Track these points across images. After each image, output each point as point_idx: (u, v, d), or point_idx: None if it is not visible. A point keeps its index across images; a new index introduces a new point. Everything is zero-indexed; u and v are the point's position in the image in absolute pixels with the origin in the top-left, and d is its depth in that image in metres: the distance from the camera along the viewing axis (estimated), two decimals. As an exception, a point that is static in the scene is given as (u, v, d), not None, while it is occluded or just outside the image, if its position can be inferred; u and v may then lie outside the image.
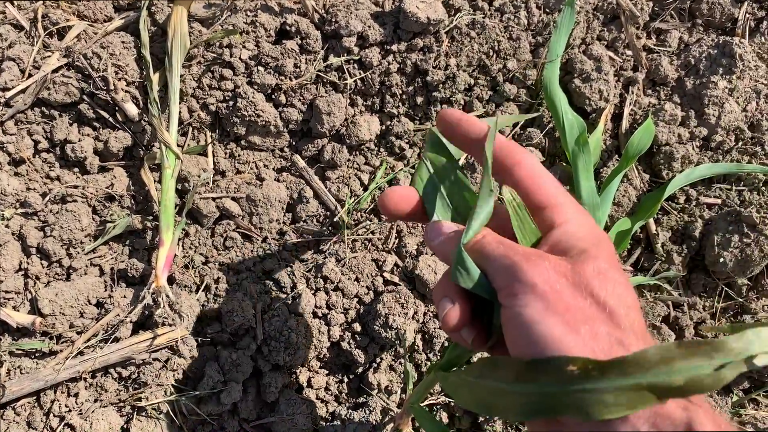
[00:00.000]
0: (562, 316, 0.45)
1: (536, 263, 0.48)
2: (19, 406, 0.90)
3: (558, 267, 0.48)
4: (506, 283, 0.48)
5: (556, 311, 0.45)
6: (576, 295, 0.46)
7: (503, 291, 0.49)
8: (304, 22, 1.02)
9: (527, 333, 0.46)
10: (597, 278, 0.47)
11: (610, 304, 0.46)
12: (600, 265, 0.48)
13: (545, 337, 0.44)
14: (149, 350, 0.91)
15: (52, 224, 0.94)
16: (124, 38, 0.99)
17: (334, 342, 0.98)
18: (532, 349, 0.45)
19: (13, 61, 0.96)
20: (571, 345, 0.43)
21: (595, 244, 0.50)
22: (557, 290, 0.46)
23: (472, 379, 0.53)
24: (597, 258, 0.48)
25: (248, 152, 1.03)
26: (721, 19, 1.14)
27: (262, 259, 1.01)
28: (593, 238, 0.51)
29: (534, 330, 0.45)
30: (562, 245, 0.51)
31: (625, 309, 0.46)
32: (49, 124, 0.97)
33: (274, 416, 0.96)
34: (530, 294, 0.46)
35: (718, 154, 1.08)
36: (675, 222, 1.07)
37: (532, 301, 0.46)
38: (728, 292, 1.05)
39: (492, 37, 1.04)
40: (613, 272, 0.48)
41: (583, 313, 0.45)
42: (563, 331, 0.44)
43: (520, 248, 0.50)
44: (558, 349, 0.44)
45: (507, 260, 0.49)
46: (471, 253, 0.52)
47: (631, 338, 0.44)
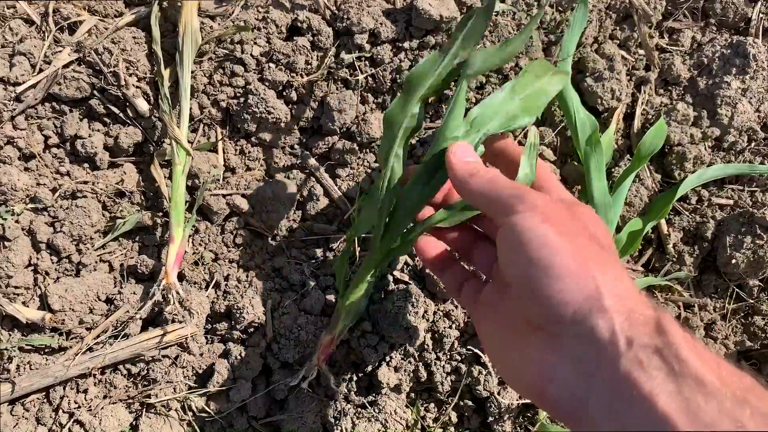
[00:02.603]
0: (560, 227, 0.53)
1: (539, 194, 0.57)
2: (28, 401, 0.90)
3: (557, 200, 0.58)
4: (509, 205, 0.56)
5: (554, 223, 0.53)
6: (572, 218, 0.55)
7: (505, 211, 0.56)
8: (316, 18, 1.01)
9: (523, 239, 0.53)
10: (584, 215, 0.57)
11: (598, 235, 0.55)
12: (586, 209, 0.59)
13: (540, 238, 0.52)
14: (159, 347, 0.91)
15: (62, 220, 0.93)
16: (135, 34, 0.99)
17: (344, 340, 0.98)
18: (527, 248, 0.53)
19: (24, 56, 0.95)
20: (564, 245, 0.51)
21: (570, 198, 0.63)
22: (556, 211, 0.55)
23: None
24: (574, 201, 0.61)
25: (258, 149, 1.02)
26: (735, 18, 1.13)
27: (272, 257, 1.01)
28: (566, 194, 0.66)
29: (531, 234, 0.53)
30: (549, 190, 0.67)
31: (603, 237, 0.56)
32: (59, 120, 0.97)
33: (283, 414, 0.96)
34: (531, 210, 0.54)
35: (730, 154, 1.07)
36: (687, 223, 1.06)
37: (532, 215, 0.54)
38: (739, 293, 1.05)
39: (504, 34, 1.04)
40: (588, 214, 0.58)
41: (576, 229, 0.54)
42: (558, 234, 0.52)
43: (526, 187, 0.60)
44: (552, 249, 0.51)
45: (516, 191, 0.57)
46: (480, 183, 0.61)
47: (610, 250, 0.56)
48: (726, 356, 1.05)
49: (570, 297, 0.50)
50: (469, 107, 0.70)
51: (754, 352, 1.06)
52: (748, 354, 1.07)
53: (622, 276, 0.51)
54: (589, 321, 0.49)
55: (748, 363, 1.07)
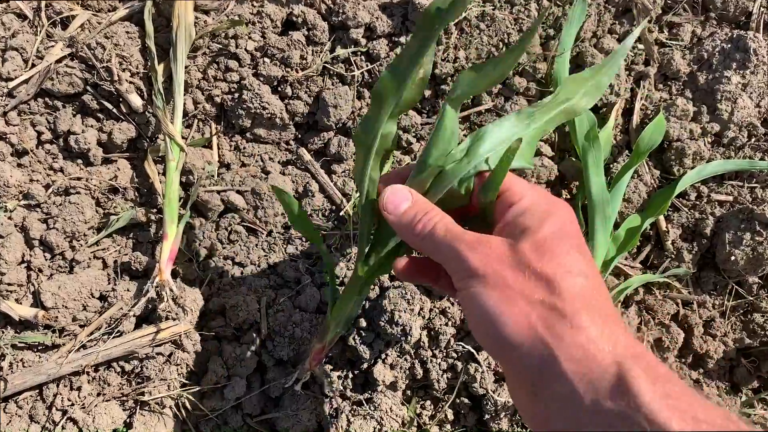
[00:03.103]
0: (501, 291, 0.51)
1: (477, 250, 0.54)
2: (21, 399, 0.89)
3: (498, 249, 0.53)
4: (454, 270, 0.55)
5: (495, 287, 0.51)
6: (515, 272, 0.52)
7: (453, 277, 0.56)
8: (311, 12, 1.00)
9: (475, 310, 0.53)
10: (535, 252, 0.52)
11: (547, 272, 0.50)
12: (540, 238, 0.52)
13: (488, 309, 0.51)
14: (152, 344, 0.90)
15: (55, 216, 0.93)
16: (129, 28, 0.98)
17: (340, 336, 0.97)
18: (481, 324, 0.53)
19: (17, 51, 0.95)
20: (508, 315, 0.50)
21: (541, 219, 0.54)
22: (497, 270, 0.52)
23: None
24: (537, 232, 0.53)
25: (253, 145, 1.01)
26: (735, 12, 1.12)
27: (267, 254, 1.00)
28: (541, 213, 0.55)
29: (478, 305, 0.52)
30: (513, 223, 0.56)
31: (565, 275, 0.50)
32: (52, 115, 0.96)
33: (278, 412, 0.95)
34: (474, 278, 0.53)
35: (730, 150, 1.06)
36: (686, 219, 1.06)
37: (476, 283, 0.53)
38: (739, 290, 1.04)
39: (502, 29, 1.03)
40: (555, 243, 0.52)
41: (520, 286, 0.51)
42: (499, 303, 0.51)
43: (465, 235, 0.56)
44: (498, 319, 0.50)
45: (453, 251, 0.55)
46: (423, 242, 0.59)
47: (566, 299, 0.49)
48: (725, 354, 1.04)
49: (528, 362, 0.49)
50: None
51: (753, 350, 1.06)
52: (747, 351, 1.07)
53: (580, 327, 0.48)
54: (550, 386, 0.48)
55: (747, 360, 1.06)
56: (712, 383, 1.05)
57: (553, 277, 0.50)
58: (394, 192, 0.62)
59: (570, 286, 0.50)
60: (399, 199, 0.62)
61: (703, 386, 1.04)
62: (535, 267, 0.51)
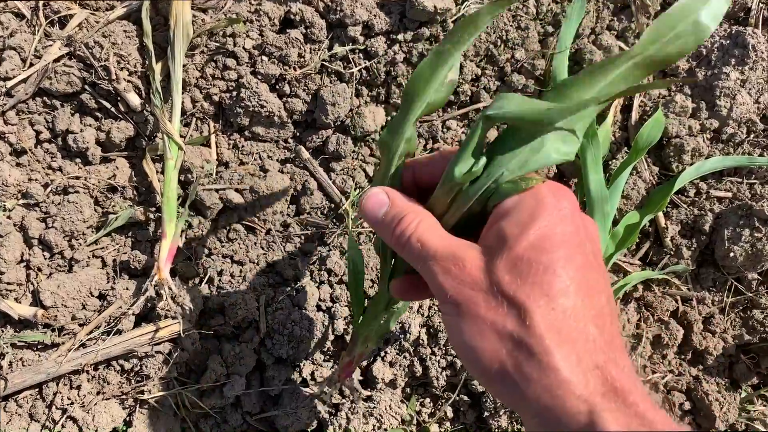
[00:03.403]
0: (473, 322, 0.47)
1: (451, 272, 0.49)
2: (21, 398, 0.89)
3: (472, 271, 0.48)
4: (433, 290, 0.51)
5: (468, 317, 0.47)
6: (488, 298, 0.46)
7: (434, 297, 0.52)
8: (309, 10, 1.00)
9: (452, 337, 0.50)
10: (509, 272, 0.46)
11: (520, 299, 0.45)
12: (516, 254, 0.46)
13: (463, 340, 0.47)
14: (152, 343, 0.90)
15: (54, 215, 0.93)
16: (126, 27, 0.98)
17: (338, 335, 0.97)
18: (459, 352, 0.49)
19: (15, 51, 0.94)
20: (479, 349, 0.46)
21: (524, 224, 0.47)
22: (469, 297, 0.47)
23: None
24: (513, 247, 0.46)
25: (252, 143, 1.01)
26: (734, 8, 1.11)
27: (266, 252, 1.00)
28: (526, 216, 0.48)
29: (454, 334, 0.49)
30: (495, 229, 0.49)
31: (539, 299, 0.44)
32: (50, 114, 0.96)
33: (277, 409, 0.95)
34: (447, 303, 0.49)
35: (729, 146, 1.06)
36: (685, 215, 1.05)
37: (449, 309, 0.49)
38: (738, 286, 1.04)
39: (500, 26, 1.02)
40: (534, 257, 0.46)
41: (492, 316, 0.46)
42: (471, 337, 0.47)
43: (439, 251, 0.50)
44: (472, 352, 0.47)
45: (427, 270, 0.51)
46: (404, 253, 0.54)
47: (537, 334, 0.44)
48: (724, 350, 1.04)
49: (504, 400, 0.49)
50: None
51: (753, 346, 1.06)
52: (747, 348, 1.07)
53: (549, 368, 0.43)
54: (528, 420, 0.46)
55: (746, 356, 1.06)
56: (711, 380, 1.05)
57: (526, 304, 0.44)
58: (371, 196, 0.58)
59: (544, 314, 0.44)
60: (377, 205, 0.57)
61: (703, 382, 1.04)
62: (507, 292, 0.45)
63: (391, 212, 0.56)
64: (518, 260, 0.46)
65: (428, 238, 0.52)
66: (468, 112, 1.04)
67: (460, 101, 1.04)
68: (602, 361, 0.44)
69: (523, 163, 0.50)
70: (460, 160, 0.53)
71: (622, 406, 0.41)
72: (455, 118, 1.04)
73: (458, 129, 1.04)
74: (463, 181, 0.53)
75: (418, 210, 0.55)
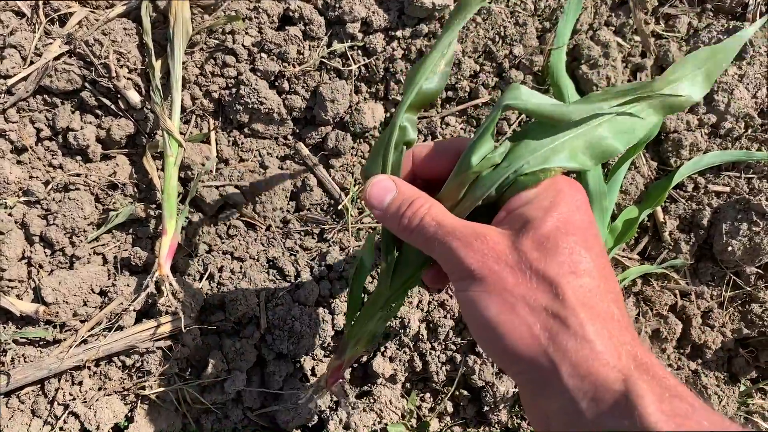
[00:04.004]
0: (500, 296, 0.47)
1: (473, 247, 0.48)
2: (23, 394, 0.90)
3: (497, 246, 0.48)
4: (450, 269, 0.51)
5: (494, 292, 0.47)
6: (515, 272, 0.47)
7: (450, 276, 0.51)
8: (308, 7, 1.00)
9: (473, 315, 0.48)
10: (537, 250, 0.47)
11: (550, 275, 0.46)
12: (542, 234, 0.47)
13: (487, 317, 0.47)
14: (153, 339, 0.91)
15: (54, 212, 0.93)
16: (126, 25, 0.98)
17: (339, 331, 0.98)
18: (480, 330, 0.49)
19: (15, 49, 0.95)
20: (507, 324, 0.46)
21: (546, 209, 0.49)
22: (495, 271, 0.47)
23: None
24: (540, 227, 0.48)
25: (251, 140, 1.02)
26: (732, 4, 1.12)
27: (266, 248, 1.00)
28: (547, 202, 0.50)
29: (476, 311, 0.48)
30: (516, 214, 0.50)
31: (569, 276, 0.46)
32: (51, 112, 0.96)
33: (278, 405, 0.96)
34: (470, 279, 0.48)
35: (727, 141, 1.06)
36: (683, 210, 1.06)
37: (472, 285, 0.48)
38: (736, 281, 1.04)
39: (498, 22, 1.03)
40: (560, 238, 0.47)
41: (521, 290, 0.46)
42: (499, 311, 0.46)
43: (459, 228, 0.50)
44: (498, 327, 0.46)
45: (446, 247, 0.50)
46: (413, 236, 0.53)
47: (570, 306, 0.45)
48: (723, 344, 1.04)
49: (530, 375, 0.47)
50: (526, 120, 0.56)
51: (752, 340, 1.06)
52: (746, 341, 1.07)
53: (584, 339, 0.44)
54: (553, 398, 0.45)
55: (745, 350, 1.07)
56: (710, 373, 1.05)
57: (557, 279, 0.46)
58: (376, 183, 0.58)
59: (574, 289, 0.46)
60: (382, 191, 0.57)
61: (702, 376, 1.04)
62: (537, 268, 0.46)
63: (398, 198, 0.56)
64: (545, 239, 0.47)
65: (444, 218, 0.52)
66: (466, 108, 1.04)
67: (458, 97, 1.04)
68: (628, 339, 0.45)
69: (544, 159, 0.52)
70: (477, 148, 0.53)
71: (653, 379, 0.43)
72: (454, 114, 1.05)
73: (457, 125, 1.04)
74: (480, 169, 0.53)
75: (427, 196, 0.55)
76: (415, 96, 0.59)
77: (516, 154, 0.53)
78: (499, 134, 1.06)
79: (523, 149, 0.53)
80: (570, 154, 0.52)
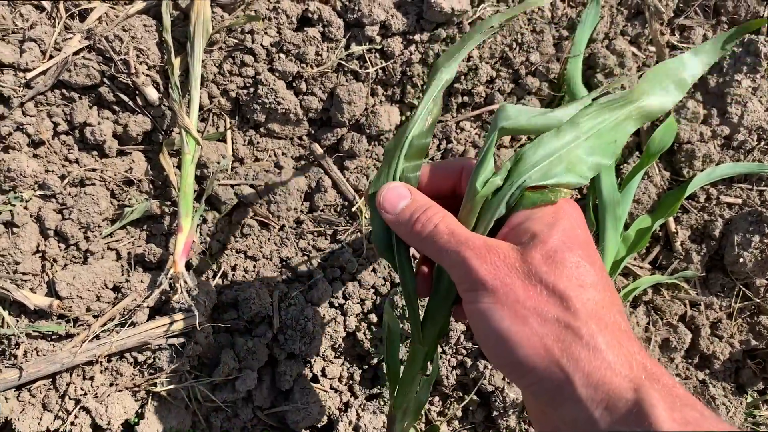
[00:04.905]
0: (512, 308, 0.47)
1: (486, 258, 0.49)
2: (35, 388, 0.90)
3: (507, 259, 0.49)
4: (460, 279, 0.51)
5: (506, 303, 0.48)
6: (526, 285, 0.48)
7: (460, 286, 0.52)
8: (327, 9, 1.01)
9: (484, 327, 0.49)
10: (546, 263, 0.48)
11: (560, 288, 0.47)
12: (550, 248, 0.49)
13: (499, 328, 0.48)
14: (165, 336, 0.91)
15: (70, 207, 0.93)
16: (146, 21, 0.98)
17: (350, 332, 0.98)
18: (491, 342, 0.49)
19: (35, 42, 0.95)
20: (519, 336, 0.47)
21: (550, 224, 0.51)
22: (507, 284, 0.48)
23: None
24: (547, 241, 0.49)
25: (267, 140, 1.02)
26: (746, 17, 1.12)
27: (279, 248, 1.01)
28: (549, 218, 0.52)
29: (487, 323, 0.49)
30: (520, 227, 0.52)
31: (577, 289, 0.47)
32: (68, 107, 0.96)
33: (288, 405, 0.96)
34: (481, 290, 0.49)
35: (739, 153, 1.07)
36: (695, 221, 1.06)
37: (483, 296, 0.49)
38: (746, 292, 1.05)
39: (515, 29, 1.03)
40: (566, 253, 0.49)
41: (532, 302, 0.47)
42: (511, 323, 0.47)
43: (471, 239, 0.51)
44: (510, 339, 0.47)
45: (458, 256, 0.51)
46: (424, 243, 0.54)
47: (581, 318, 0.46)
48: (731, 355, 1.05)
49: (542, 386, 0.47)
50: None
51: (759, 351, 1.06)
52: (753, 353, 1.07)
53: (596, 349, 0.45)
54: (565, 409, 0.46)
55: (753, 362, 1.07)
56: (717, 384, 1.06)
57: (567, 293, 0.47)
58: (392, 189, 0.59)
59: (584, 302, 0.47)
60: (396, 197, 0.58)
61: (709, 387, 1.05)
62: (547, 281, 0.48)
63: (412, 205, 0.57)
64: (552, 253, 0.49)
65: (457, 229, 0.53)
66: (482, 113, 1.05)
67: (474, 102, 1.04)
68: (637, 349, 0.47)
69: (544, 174, 0.54)
70: (480, 173, 0.56)
71: (663, 388, 0.44)
72: (469, 120, 1.05)
73: (472, 130, 1.05)
74: (486, 193, 0.56)
75: (440, 206, 0.57)
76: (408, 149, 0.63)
77: (518, 171, 0.55)
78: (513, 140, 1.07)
79: (523, 166, 0.55)
80: (568, 166, 0.55)
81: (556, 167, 0.55)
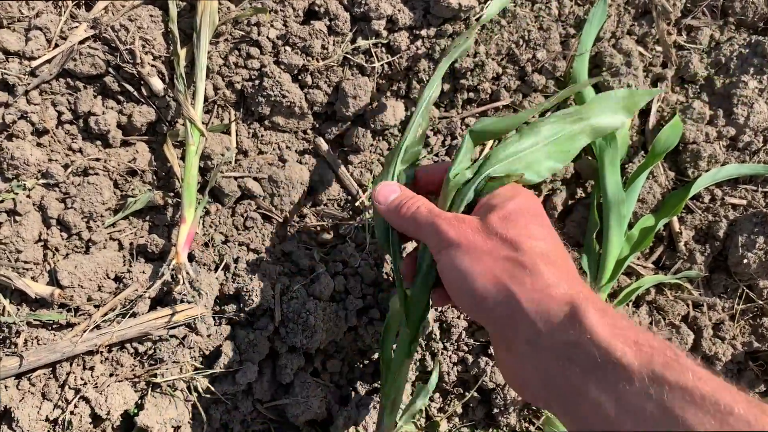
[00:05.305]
0: (472, 254, 0.60)
1: (454, 225, 0.63)
2: (34, 377, 0.89)
3: (471, 224, 0.63)
4: (434, 243, 0.64)
5: (467, 251, 0.60)
6: (485, 238, 0.61)
7: (434, 249, 0.65)
8: (333, 3, 1.00)
9: (450, 271, 0.62)
10: (500, 222, 0.61)
11: (511, 236, 0.60)
12: (506, 212, 0.62)
13: (460, 269, 0.60)
14: (167, 327, 0.91)
15: (73, 196, 0.93)
16: (153, 12, 0.98)
17: (351, 326, 0.98)
18: (455, 281, 0.61)
19: (40, 31, 0.95)
20: (477, 271, 0.59)
21: (508, 198, 0.64)
22: (470, 239, 0.61)
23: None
24: (502, 209, 0.62)
25: (271, 133, 1.02)
26: (754, 18, 1.12)
27: (282, 241, 1.00)
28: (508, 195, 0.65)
29: (453, 267, 0.61)
30: (484, 205, 0.66)
31: (526, 238, 0.59)
32: (73, 96, 0.96)
33: (288, 398, 0.95)
34: (450, 246, 0.62)
35: (745, 154, 1.07)
36: (699, 221, 1.06)
37: (451, 250, 0.62)
38: (749, 294, 1.04)
39: (522, 26, 1.03)
40: (518, 216, 0.62)
41: (488, 247, 0.60)
42: (470, 263, 0.60)
43: (444, 214, 0.66)
44: (469, 274, 0.59)
45: (433, 226, 0.64)
46: (407, 222, 0.68)
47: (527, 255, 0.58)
48: (733, 357, 1.05)
49: (497, 312, 0.58)
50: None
51: (762, 354, 1.06)
52: (755, 355, 1.07)
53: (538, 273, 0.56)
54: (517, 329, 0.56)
55: (755, 364, 1.07)
56: (719, 386, 1.05)
57: (516, 239, 0.59)
58: (384, 185, 0.74)
59: (531, 246, 0.59)
60: (388, 191, 0.73)
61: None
62: (501, 233, 0.60)
63: (400, 196, 0.72)
64: (507, 216, 0.62)
65: (434, 209, 0.68)
66: (487, 110, 1.04)
67: (479, 98, 1.04)
68: (581, 285, 0.57)
69: (506, 169, 0.70)
70: (454, 167, 0.72)
71: (599, 304, 0.53)
72: (474, 116, 1.05)
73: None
74: (457, 183, 0.70)
75: (423, 197, 0.71)
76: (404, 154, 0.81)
77: (485, 166, 0.70)
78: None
79: (489, 163, 0.70)
80: (526, 165, 0.70)
81: (516, 165, 0.70)
